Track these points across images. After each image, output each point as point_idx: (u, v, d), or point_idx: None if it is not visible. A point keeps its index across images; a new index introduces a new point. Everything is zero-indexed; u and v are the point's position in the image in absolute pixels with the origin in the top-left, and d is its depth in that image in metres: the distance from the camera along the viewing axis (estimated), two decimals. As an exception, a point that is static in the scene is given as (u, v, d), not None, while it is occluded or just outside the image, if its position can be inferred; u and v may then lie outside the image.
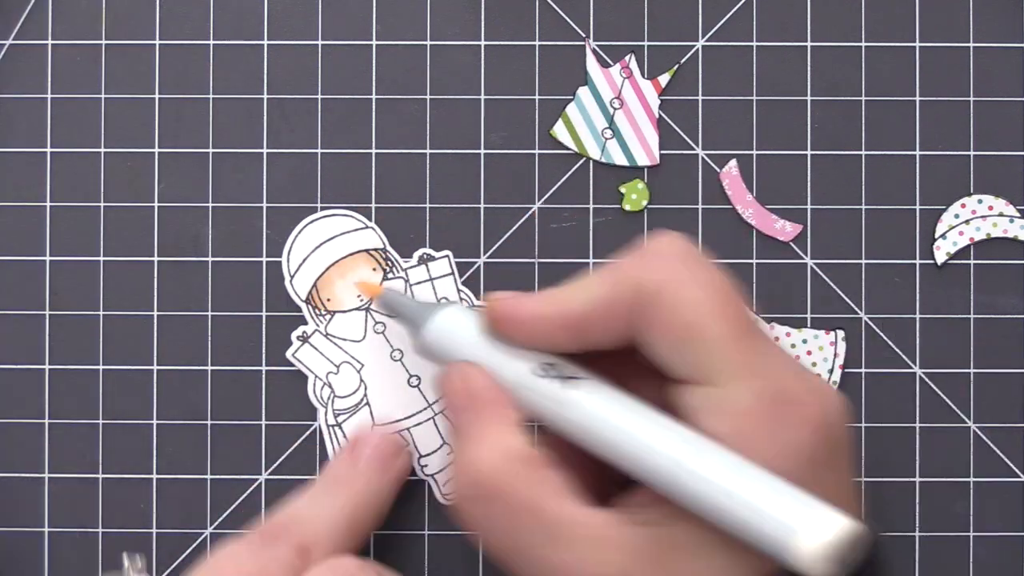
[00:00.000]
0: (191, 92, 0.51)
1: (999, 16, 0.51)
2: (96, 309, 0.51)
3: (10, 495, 0.50)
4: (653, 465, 0.39)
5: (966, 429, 0.51)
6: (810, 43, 0.51)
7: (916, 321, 0.51)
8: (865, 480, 0.50)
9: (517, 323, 0.43)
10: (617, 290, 0.41)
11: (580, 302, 0.42)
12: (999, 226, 0.51)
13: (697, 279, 0.40)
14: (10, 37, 0.51)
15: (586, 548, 0.39)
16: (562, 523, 0.39)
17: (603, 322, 0.41)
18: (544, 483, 0.40)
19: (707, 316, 0.39)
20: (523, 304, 0.43)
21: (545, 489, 0.40)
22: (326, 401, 0.50)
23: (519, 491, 0.40)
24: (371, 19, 0.51)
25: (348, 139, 0.51)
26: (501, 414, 0.42)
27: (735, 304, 0.40)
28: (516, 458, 0.41)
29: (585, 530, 0.39)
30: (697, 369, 0.39)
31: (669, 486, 0.38)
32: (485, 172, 0.51)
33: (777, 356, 0.40)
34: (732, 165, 0.51)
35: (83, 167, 0.51)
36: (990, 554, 0.50)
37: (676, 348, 0.40)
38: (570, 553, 0.39)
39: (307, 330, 0.50)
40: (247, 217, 0.51)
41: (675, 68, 0.51)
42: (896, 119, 0.51)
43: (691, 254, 0.41)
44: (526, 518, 0.40)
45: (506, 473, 0.40)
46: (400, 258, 0.50)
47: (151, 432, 0.50)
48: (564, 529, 0.39)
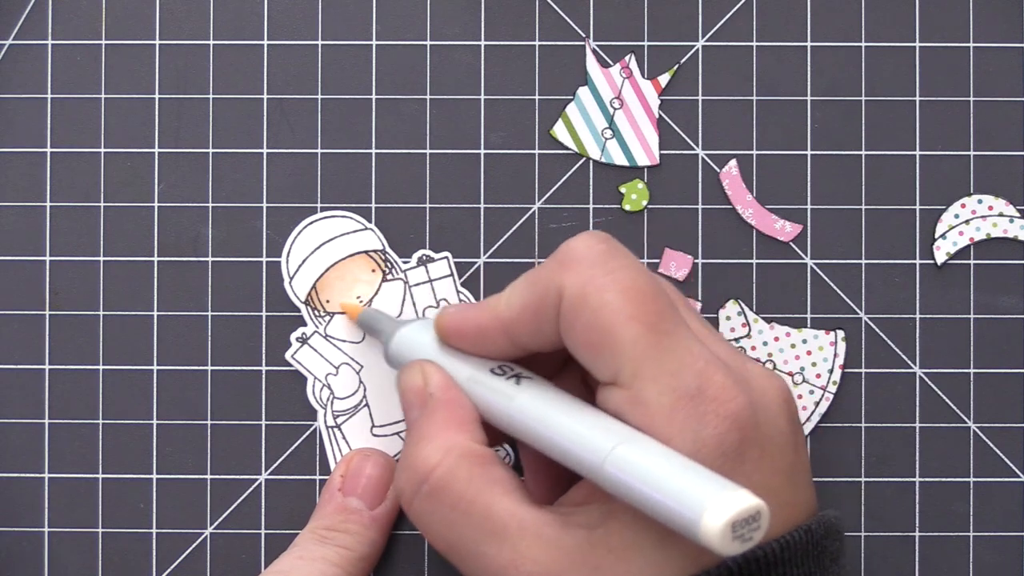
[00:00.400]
0: (191, 92, 0.51)
1: (999, 16, 0.51)
2: (96, 309, 0.51)
3: (10, 495, 0.50)
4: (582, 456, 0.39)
5: (966, 429, 0.51)
6: (810, 43, 0.51)
7: (916, 321, 0.51)
8: (865, 480, 0.50)
9: (461, 334, 0.44)
10: (542, 296, 0.41)
11: (510, 309, 0.42)
12: (999, 226, 0.51)
13: (614, 282, 0.40)
14: (10, 37, 0.51)
15: (522, 546, 0.40)
16: (500, 520, 0.40)
17: (533, 327, 0.42)
18: (487, 481, 0.41)
19: (621, 320, 0.40)
20: (464, 315, 0.44)
21: (486, 487, 0.41)
22: (325, 402, 0.50)
23: (459, 488, 0.41)
24: (371, 19, 0.51)
25: (348, 139, 0.51)
26: (453, 413, 0.43)
27: (652, 304, 0.40)
28: (460, 455, 0.41)
29: (522, 529, 0.40)
30: (613, 372, 0.40)
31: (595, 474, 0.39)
32: (485, 172, 0.51)
33: (696, 352, 0.40)
34: (732, 165, 0.51)
35: (83, 167, 0.51)
36: (990, 554, 0.50)
37: (593, 352, 0.40)
38: (507, 550, 0.40)
39: (306, 331, 0.50)
40: (247, 217, 0.51)
41: (675, 68, 0.51)
42: (896, 119, 0.51)
43: (610, 254, 0.41)
44: (465, 514, 0.41)
45: (449, 469, 0.41)
46: (399, 259, 0.50)
47: (151, 432, 0.50)
48: (502, 527, 0.40)
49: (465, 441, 0.42)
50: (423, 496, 0.41)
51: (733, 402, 0.39)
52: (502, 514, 0.40)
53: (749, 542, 0.36)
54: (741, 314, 0.51)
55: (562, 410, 0.41)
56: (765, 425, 0.40)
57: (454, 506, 0.41)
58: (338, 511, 0.48)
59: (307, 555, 0.47)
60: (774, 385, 0.42)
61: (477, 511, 0.40)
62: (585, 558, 0.39)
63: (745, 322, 0.50)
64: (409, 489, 0.42)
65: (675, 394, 0.39)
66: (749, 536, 0.35)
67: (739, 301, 0.51)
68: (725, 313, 0.51)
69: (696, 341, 0.40)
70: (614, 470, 0.38)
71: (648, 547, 0.39)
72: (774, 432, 0.40)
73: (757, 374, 0.42)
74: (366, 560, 0.48)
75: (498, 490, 0.41)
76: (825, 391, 0.50)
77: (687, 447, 0.38)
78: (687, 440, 0.38)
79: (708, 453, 0.38)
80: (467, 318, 0.44)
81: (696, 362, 0.39)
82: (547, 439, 0.41)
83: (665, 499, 0.36)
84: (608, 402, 0.40)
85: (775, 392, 0.42)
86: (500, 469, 0.42)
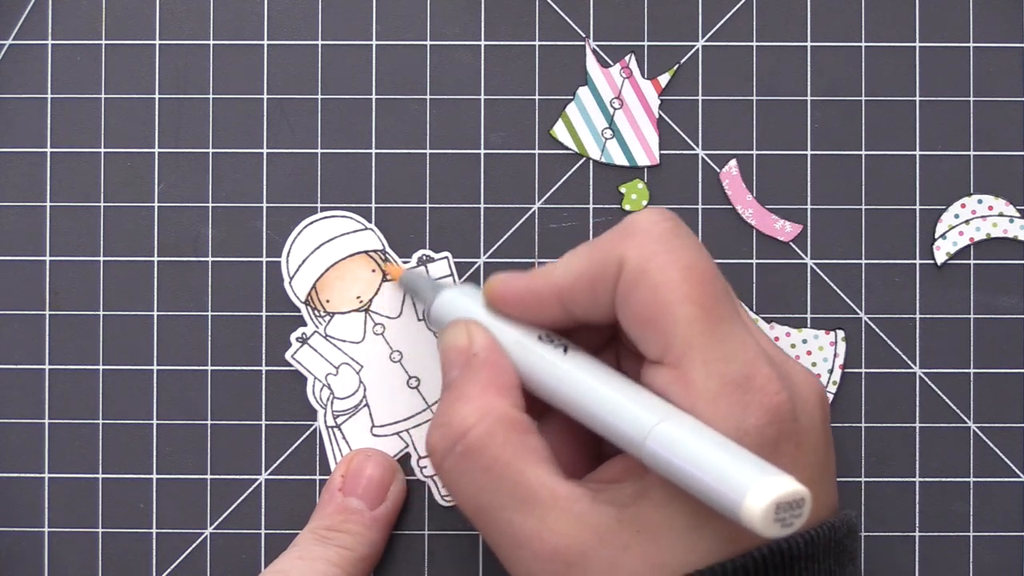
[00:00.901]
0: (191, 92, 0.51)
1: (999, 16, 0.51)
2: (96, 309, 0.51)
3: (10, 495, 0.50)
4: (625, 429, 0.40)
5: (966, 429, 0.51)
6: (810, 43, 0.51)
7: (916, 321, 0.51)
8: (865, 480, 0.50)
9: (512, 298, 0.44)
10: (601, 266, 0.41)
11: (568, 276, 0.42)
12: (999, 226, 0.51)
13: (676, 260, 0.40)
14: (10, 37, 0.51)
15: (551, 517, 0.40)
16: (531, 489, 0.40)
17: (589, 296, 0.42)
18: (522, 448, 0.41)
19: (678, 299, 0.40)
20: (517, 280, 0.44)
21: (522, 454, 0.41)
22: (325, 402, 0.50)
23: (494, 451, 0.41)
24: (371, 19, 0.51)
25: (348, 139, 0.51)
26: (495, 375, 0.43)
27: (710, 287, 0.40)
28: (498, 419, 0.41)
29: (553, 500, 0.40)
30: (664, 350, 0.40)
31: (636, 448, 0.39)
32: (485, 172, 0.51)
33: (747, 343, 0.40)
34: (732, 165, 0.51)
35: (83, 167, 0.51)
36: (990, 554, 0.50)
37: (646, 328, 0.40)
38: (535, 520, 0.40)
39: (306, 331, 0.50)
40: (247, 217, 0.51)
41: (675, 68, 0.51)
42: (896, 119, 0.51)
43: (675, 232, 0.41)
44: (497, 479, 0.40)
45: (485, 432, 0.41)
46: (399, 259, 0.50)
47: (151, 432, 0.50)
48: (532, 495, 0.40)
49: (505, 406, 0.42)
50: (456, 455, 0.41)
51: (777, 396, 0.39)
52: (534, 483, 0.40)
53: (789, 527, 0.36)
54: (741, 314, 0.51)
55: (608, 383, 0.41)
56: (803, 421, 0.40)
57: (487, 469, 0.41)
58: (338, 511, 0.48)
59: (307, 555, 0.47)
60: (812, 383, 0.42)
61: (509, 477, 0.40)
62: (614, 536, 0.39)
63: (745, 322, 0.50)
64: (442, 447, 0.42)
65: (722, 380, 0.39)
66: (790, 522, 0.36)
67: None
68: (725, 313, 0.51)
69: (747, 331, 0.41)
70: (656, 446, 0.38)
71: (678, 529, 0.39)
72: (810, 429, 0.41)
73: (797, 371, 0.42)
74: (366, 560, 0.48)
75: (533, 458, 0.41)
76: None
77: (728, 432, 0.38)
78: (729, 427, 0.38)
79: (747, 441, 0.38)
80: (521, 284, 0.43)
81: (747, 352, 0.40)
82: (591, 409, 0.41)
83: (708, 477, 0.36)
84: (654, 380, 0.40)
85: (813, 391, 0.42)
86: (537, 438, 0.41)
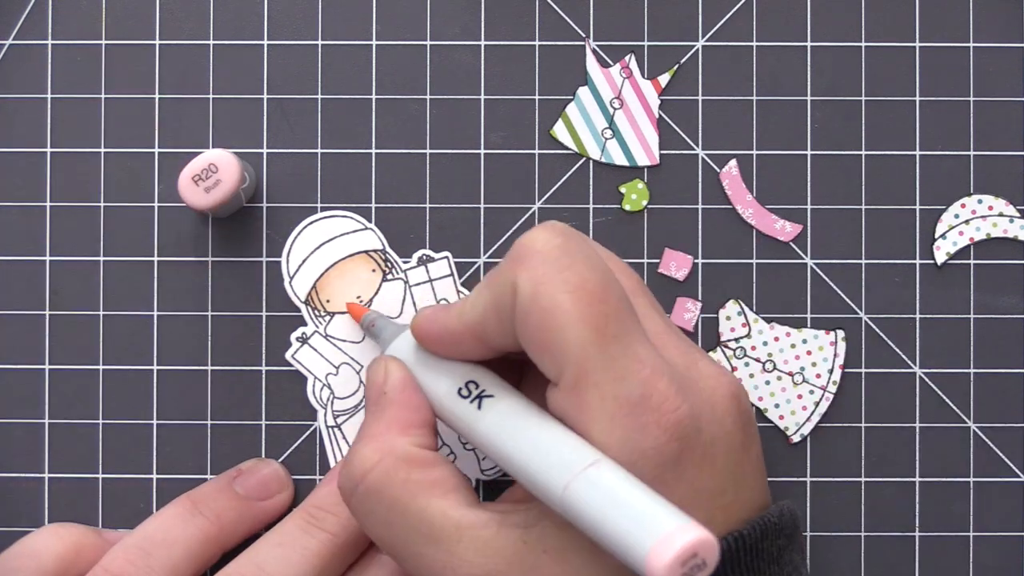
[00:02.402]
0: (191, 92, 0.51)
1: (999, 16, 0.51)
2: (96, 309, 0.51)
3: (10, 495, 0.50)
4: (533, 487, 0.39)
5: (966, 429, 0.51)
6: (810, 43, 0.51)
7: (916, 321, 0.51)
8: (865, 480, 0.50)
9: (433, 338, 0.44)
10: (498, 295, 0.41)
11: (475, 311, 0.42)
12: (999, 226, 0.51)
13: (565, 282, 0.39)
14: (10, 37, 0.51)
15: (458, 549, 0.40)
16: (435, 524, 0.40)
17: (498, 327, 0.41)
18: (424, 484, 0.41)
19: (569, 322, 0.39)
20: (434, 319, 0.44)
21: (423, 489, 0.41)
22: (325, 402, 0.50)
23: (394, 491, 0.41)
24: (371, 19, 0.51)
25: (348, 139, 0.51)
26: (400, 413, 0.43)
27: (601, 306, 0.39)
28: (397, 459, 0.41)
29: (458, 532, 0.40)
30: (560, 373, 0.40)
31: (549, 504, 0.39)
32: (485, 172, 0.51)
33: (644, 358, 0.39)
34: (732, 165, 0.51)
35: (83, 167, 0.51)
36: (990, 554, 0.50)
37: (542, 352, 0.40)
38: (443, 553, 0.40)
39: (306, 331, 0.50)
40: (247, 217, 0.51)
41: (675, 68, 0.51)
42: (896, 119, 0.51)
43: (564, 250, 0.40)
44: (400, 516, 0.41)
45: (383, 472, 0.41)
46: (400, 259, 0.50)
47: (151, 432, 0.50)
48: (437, 530, 0.40)
49: (404, 444, 0.42)
50: (360, 496, 0.42)
51: (675, 413, 0.39)
52: (437, 517, 0.40)
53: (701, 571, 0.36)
54: (741, 314, 0.51)
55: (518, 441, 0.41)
56: (709, 428, 0.40)
57: (390, 508, 0.41)
58: (334, 493, 0.47)
59: (287, 542, 0.46)
60: (723, 383, 0.42)
61: (412, 514, 0.41)
62: (521, 559, 0.39)
63: (745, 322, 0.50)
64: (347, 487, 0.42)
65: (617, 401, 0.39)
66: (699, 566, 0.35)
67: (739, 301, 0.51)
68: (725, 313, 0.51)
69: (645, 345, 0.40)
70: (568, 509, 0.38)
71: (582, 550, 0.39)
72: (718, 434, 0.40)
73: (707, 374, 0.42)
74: (350, 549, 0.47)
75: (436, 492, 0.41)
76: (825, 391, 0.50)
77: (625, 456, 0.38)
78: (625, 449, 0.38)
79: (646, 463, 0.38)
80: (437, 322, 0.43)
81: (642, 369, 0.39)
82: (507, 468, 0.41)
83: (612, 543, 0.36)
84: (553, 402, 0.40)
85: (723, 391, 0.41)
86: (439, 470, 0.42)
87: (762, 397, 0.50)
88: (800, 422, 0.50)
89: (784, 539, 0.42)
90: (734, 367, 0.50)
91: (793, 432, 0.50)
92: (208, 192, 0.47)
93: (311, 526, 0.47)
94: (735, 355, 0.50)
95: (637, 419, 0.38)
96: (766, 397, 0.50)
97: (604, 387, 0.39)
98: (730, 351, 0.50)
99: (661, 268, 0.51)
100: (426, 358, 0.45)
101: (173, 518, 0.47)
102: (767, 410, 0.50)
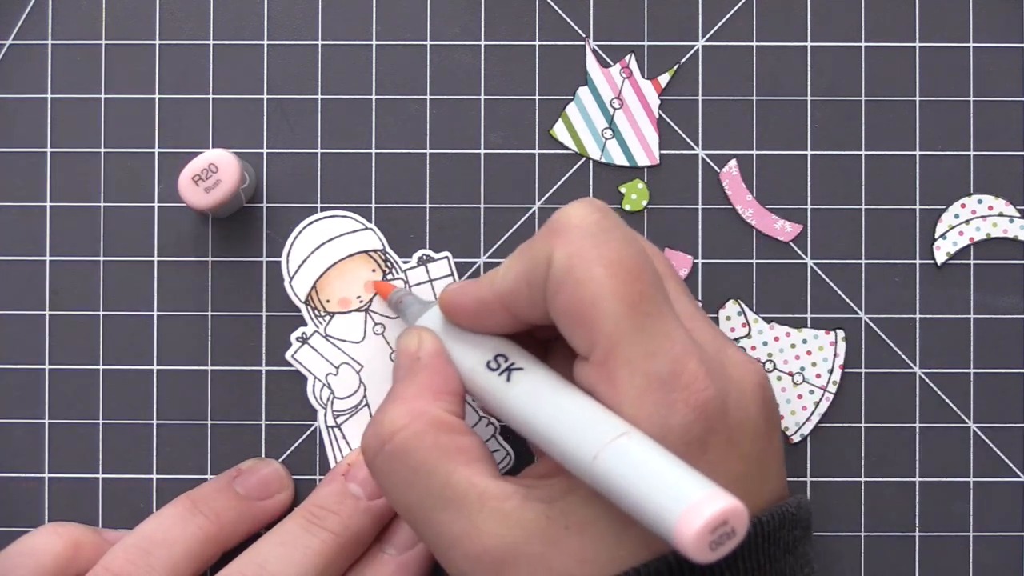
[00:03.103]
0: (191, 92, 0.51)
1: (999, 16, 0.51)
2: (96, 309, 0.51)
3: (10, 495, 0.50)
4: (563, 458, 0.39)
5: (966, 429, 0.51)
6: (810, 43, 0.51)
7: (916, 321, 0.51)
8: (865, 480, 0.50)
9: (463, 311, 0.44)
10: (533, 265, 0.41)
11: (507, 280, 0.42)
12: (999, 226, 0.51)
13: (601, 256, 0.40)
14: (10, 37, 0.51)
15: (480, 518, 0.40)
16: (460, 490, 0.40)
17: (528, 298, 0.41)
18: (452, 449, 0.41)
19: (603, 295, 0.39)
20: (464, 290, 0.44)
21: (451, 455, 0.41)
22: (325, 402, 0.50)
23: (422, 453, 0.41)
24: (371, 19, 0.51)
25: (348, 139, 0.51)
26: (433, 380, 0.43)
27: (637, 282, 0.40)
28: (429, 421, 0.41)
29: (481, 501, 0.40)
30: (590, 347, 0.40)
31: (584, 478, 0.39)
32: (485, 172, 0.51)
33: (676, 337, 0.39)
34: (732, 165, 0.51)
35: (83, 167, 0.51)
36: (990, 554, 0.50)
37: (574, 325, 0.40)
38: (464, 520, 0.40)
39: (306, 331, 0.50)
40: (247, 217, 0.51)
41: (675, 68, 0.51)
42: (896, 119, 0.51)
43: (601, 226, 0.40)
44: (425, 479, 0.41)
45: (414, 434, 0.41)
46: (399, 259, 0.50)
47: (151, 432, 0.50)
48: (461, 496, 0.40)
49: (435, 409, 0.42)
50: (385, 455, 0.41)
51: (703, 392, 0.39)
52: (462, 483, 0.40)
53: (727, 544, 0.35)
54: (741, 314, 0.51)
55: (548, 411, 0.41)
56: (735, 413, 0.40)
57: (415, 470, 0.41)
58: (336, 493, 0.48)
59: (289, 541, 0.46)
60: (750, 371, 0.42)
61: (438, 477, 0.40)
62: (543, 532, 0.39)
63: (745, 322, 0.50)
64: (372, 446, 0.42)
65: (647, 377, 0.39)
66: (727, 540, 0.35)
67: (739, 301, 0.51)
68: (725, 313, 0.51)
69: (677, 324, 0.40)
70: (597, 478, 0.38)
71: (605, 524, 0.39)
72: (744, 420, 0.40)
73: (735, 361, 0.42)
74: (351, 549, 0.47)
75: (462, 459, 0.41)
76: (825, 391, 0.50)
77: (652, 431, 0.38)
78: (653, 425, 0.38)
79: (673, 440, 0.38)
80: (467, 293, 0.43)
81: (673, 347, 0.39)
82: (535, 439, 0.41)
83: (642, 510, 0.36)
84: (581, 375, 0.40)
85: (750, 379, 0.41)
86: (467, 439, 0.42)
87: (762, 397, 0.50)
88: (800, 422, 0.50)
89: (800, 530, 0.42)
90: (734, 367, 0.50)
91: (793, 432, 0.50)
92: (208, 192, 0.48)
93: (313, 525, 0.47)
94: (735, 355, 0.50)
95: (666, 396, 0.39)
96: (766, 397, 0.50)
97: (635, 363, 0.39)
98: (730, 351, 0.50)
99: (661, 268, 0.51)
100: (455, 332, 0.45)
101: (173, 518, 0.47)
102: (767, 410, 0.50)
